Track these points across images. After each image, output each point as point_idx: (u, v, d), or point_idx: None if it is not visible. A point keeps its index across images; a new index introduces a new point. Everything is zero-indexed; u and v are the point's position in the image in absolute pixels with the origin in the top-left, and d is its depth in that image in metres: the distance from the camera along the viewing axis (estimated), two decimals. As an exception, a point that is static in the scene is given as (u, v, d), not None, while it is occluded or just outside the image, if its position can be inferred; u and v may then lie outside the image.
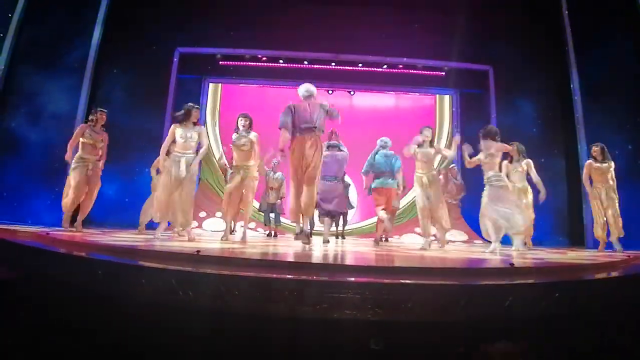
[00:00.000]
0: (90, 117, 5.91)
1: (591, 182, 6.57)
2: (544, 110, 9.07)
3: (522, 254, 5.28)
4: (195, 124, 5.27)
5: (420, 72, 10.15)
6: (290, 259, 3.68)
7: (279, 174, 8.27)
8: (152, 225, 6.84)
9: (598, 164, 6.46)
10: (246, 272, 2.63)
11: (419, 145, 5.80)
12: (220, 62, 9.98)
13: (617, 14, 7.96)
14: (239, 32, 9.25)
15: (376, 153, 6.46)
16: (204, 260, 3.10)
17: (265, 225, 8.61)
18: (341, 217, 8.02)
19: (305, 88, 4.95)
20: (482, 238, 6.46)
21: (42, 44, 7.94)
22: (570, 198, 8.70)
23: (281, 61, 10.03)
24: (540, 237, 8.14)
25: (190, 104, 5.34)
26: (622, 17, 7.91)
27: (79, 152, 5.87)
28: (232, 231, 8.30)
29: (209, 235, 7.43)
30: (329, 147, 6.29)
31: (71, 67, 7.94)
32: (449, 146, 10.22)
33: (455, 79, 10.03)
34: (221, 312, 2.40)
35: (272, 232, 8.56)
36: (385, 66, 10.09)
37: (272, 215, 8.41)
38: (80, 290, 2.84)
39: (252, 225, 9.62)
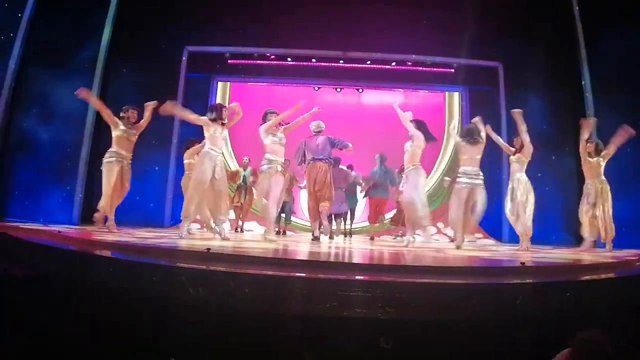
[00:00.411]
0: (121, 115, 5.80)
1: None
2: (554, 106, 8.94)
3: (531, 252, 5.25)
4: (223, 124, 5.30)
5: (429, 69, 10.07)
6: (300, 257, 3.69)
7: (288, 174, 8.32)
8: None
9: (590, 159, 6.25)
10: (256, 270, 2.65)
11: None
12: (229, 61, 9.98)
13: (628, 10, 7.83)
14: (247, 30, 9.24)
15: (378, 168, 7.94)
16: (214, 258, 3.12)
17: (275, 223, 8.68)
18: (348, 217, 8.51)
19: (315, 124, 5.96)
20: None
21: (52, 44, 7.96)
22: (580, 196, 8.58)
23: (289, 59, 10.00)
24: (550, 235, 8.07)
25: (219, 103, 5.51)
26: (633, 12, 7.80)
27: (113, 147, 5.69)
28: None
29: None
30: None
31: (81, 67, 7.96)
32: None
33: (465, 76, 9.92)
34: (231, 309, 2.42)
35: (282, 230, 8.61)
36: (393, 63, 10.02)
37: (282, 214, 8.50)
38: (92, 288, 2.87)
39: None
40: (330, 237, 7.20)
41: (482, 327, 2.31)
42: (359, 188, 8.38)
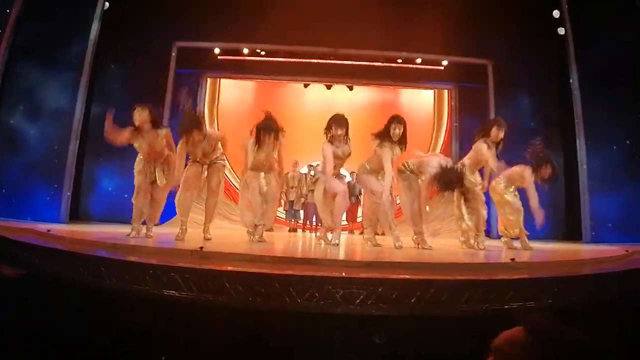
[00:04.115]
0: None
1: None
2: (542, 104, 9.03)
3: (520, 248, 5.30)
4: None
5: (418, 66, 10.08)
6: (297, 255, 3.69)
7: (296, 173, 9.15)
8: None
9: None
10: (249, 268, 2.64)
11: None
12: (219, 57, 9.91)
13: (616, 7, 7.89)
14: (237, 26, 9.16)
15: None
16: (207, 256, 3.12)
17: (287, 220, 9.49)
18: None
19: None
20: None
21: (40, 40, 7.84)
22: (568, 193, 8.69)
23: (283, 56, 9.92)
24: (537, 232, 8.12)
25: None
26: (622, 10, 7.85)
27: None
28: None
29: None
30: None
31: (69, 63, 7.85)
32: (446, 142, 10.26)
33: (454, 73, 9.98)
34: (224, 308, 2.41)
35: (294, 229, 9.19)
36: (383, 61, 10.00)
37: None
38: (80, 287, 2.85)
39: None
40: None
41: (473, 322, 2.34)
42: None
